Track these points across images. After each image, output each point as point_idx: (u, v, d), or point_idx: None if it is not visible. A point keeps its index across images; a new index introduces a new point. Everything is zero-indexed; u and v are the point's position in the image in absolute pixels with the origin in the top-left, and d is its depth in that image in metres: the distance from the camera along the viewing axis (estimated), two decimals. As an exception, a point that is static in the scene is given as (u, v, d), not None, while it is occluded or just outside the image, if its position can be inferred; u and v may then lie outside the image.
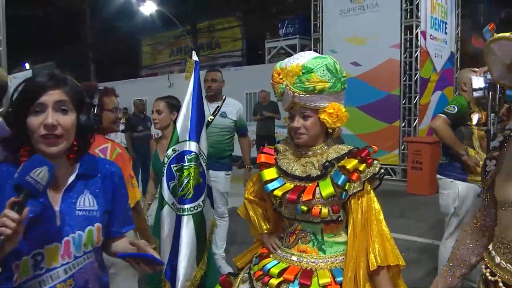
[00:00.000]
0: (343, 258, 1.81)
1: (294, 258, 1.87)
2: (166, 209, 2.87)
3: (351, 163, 1.75)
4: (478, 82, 3.21)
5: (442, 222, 3.85)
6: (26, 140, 1.37)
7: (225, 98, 4.41)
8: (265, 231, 2.03)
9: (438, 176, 3.67)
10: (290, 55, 8.44)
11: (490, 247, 1.49)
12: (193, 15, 21.16)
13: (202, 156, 2.94)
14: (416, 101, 9.90)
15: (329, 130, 1.87)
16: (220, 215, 4.41)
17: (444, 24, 10.70)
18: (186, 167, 2.85)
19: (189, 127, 2.91)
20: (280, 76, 1.82)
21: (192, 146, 2.89)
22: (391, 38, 9.94)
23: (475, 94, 3.27)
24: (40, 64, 26.68)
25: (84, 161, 1.49)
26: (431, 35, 10.19)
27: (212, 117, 4.26)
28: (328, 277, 1.77)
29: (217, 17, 21.70)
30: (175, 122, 3.12)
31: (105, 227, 1.50)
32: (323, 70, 1.76)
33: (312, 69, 1.75)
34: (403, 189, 8.89)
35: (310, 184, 1.80)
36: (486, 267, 1.47)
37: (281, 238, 1.98)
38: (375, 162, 1.80)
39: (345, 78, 1.86)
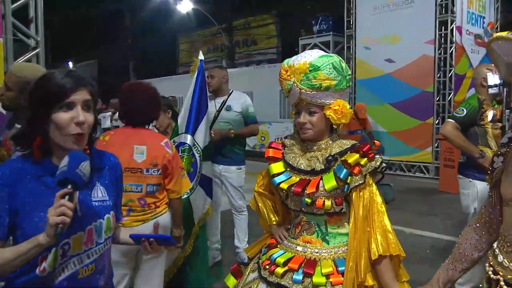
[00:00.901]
0: (346, 249, 1.86)
1: (299, 248, 1.95)
2: None
3: (352, 158, 1.82)
4: (493, 78, 3.18)
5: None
6: (42, 135, 1.43)
7: (231, 92, 4.47)
8: (274, 222, 2.11)
9: (458, 175, 3.65)
10: (324, 51, 8.49)
11: (495, 245, 1.49)
12: (228, 12, 21.39)
13: (196, 148, 3.21)
14: (451, 97, 9.74)
15: (334, 126, 1.94)
16: (237, 209, 4.47)
17: (482, 19, 10.45)
18: (180, 157, 3.05)
19: (186, 121, 3.20)
20: (288, 73, 1.88)
21: (187, 138, 3.18)
22: (425, 34, 9.81)
23: (491, 90, 3.25)
24: (82, 62, 27.64)
25: (93, 154, 1.57)
26: (467, 30, 9.98)
27: (217, 112, 4.34)
28: (331, 266, 1.84)
29: (252, 14, 21.84)
30: (175, 117, 3.38)
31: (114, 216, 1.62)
32: (330, 68, 1.82)
33: (319, 67, 1.81)
34: (435, 187, 8.79)
35: (315, 178, 1.88)
36: (490, 266, 1.48)
37: (288, 230, 2.06)
38: (376, 156, 1.87)
39: (350, 76, 1.93)
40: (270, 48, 21.59)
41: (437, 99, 9.91)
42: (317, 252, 1.91)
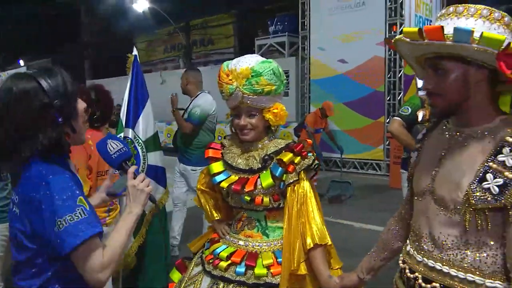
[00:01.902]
0: None
1: (241, 242, 2.05)
2: None
3: (287, 156, 1.93)
4: (420, 81, 3.38)
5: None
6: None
7: (198, 94, 4.64)
8: (216, 218, 2.20)
9: (401, 170, 3.86)
10: (279, 52, 8.69)
11: (410, 236, 1.56)
12: (186, 12, 21.26)
13: (137, 140, 3.31)
14: (401, 97, 10.11)
15: (271, 127, 2.03)
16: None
17: (428, 22, 10.90)
18: None
19: (125, 116, 3.32)
20: (230, 78, 1.94)
21: (128, 132, 3.29)
22: (376, 36, 10.15)
23: (420, 93, 3.45)
24: (35, 61, 26.77)
25: None
26: (415, 33, 10.37)
27: (184, 113, 4.63)
28: (271, 258, 1.96)
29: (210, 14, 21.79)
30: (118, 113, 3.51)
31: None
32: (270, 74, 1.91)
33: (261, 72, 1.89)
34: (387, 184, 9.12)
35: (252, 176, 1.98)
36: (401, 255, 1.58)
37: (229, 225, 2.16)
38: (309, 154, 1.97)
39: (285, 81, 2.04)
40: (228, 48, 21.62)
41: (388, 98, 10.27)
42: (258, 245, 2.01)
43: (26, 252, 1.41)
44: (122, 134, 3.31)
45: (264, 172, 1.97)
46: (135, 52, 3.43)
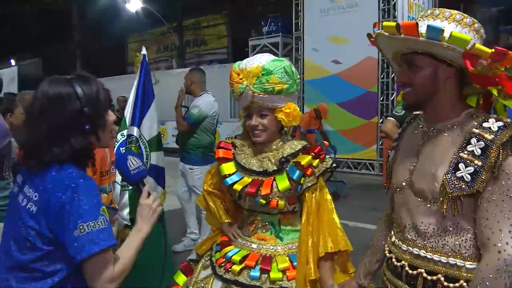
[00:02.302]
0: None
1: (254, 245, 1.99)
2: (117, 187, 3.25)
3: (305, 159, 1.88)
4: None
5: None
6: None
7: (201, 95, 4.68)
8: (225, 221, 2.11)
9: None
10: (273, 52, 8.73)
11: (393, 228, 1.66)
12: (179, 12, 21.26)
13: (142, 139, 3.33)
14: (393, 98, 10.19)
15: (285, 128, 1.98)
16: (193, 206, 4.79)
17: (421, 23, 11.00)
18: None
19: (131, 114, 3.34)
20: (240, 77, 1.89)
21: (133, 130, 3.30)
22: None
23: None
24: (26, 61, 26.58)
25: None
26: (408, 34, 10.48)
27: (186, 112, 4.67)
28: (287, 262, 1.91)
29: (203, 14, 21.81)
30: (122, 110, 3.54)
31: None
32: (282, 72, 1.85)
33: (272, 71, 1.84)
34: (380, 183, 9.19)
35: (267, 178, 1.92)
36: (387, 246, 1.66)
37: (240, 227, 2.09)
38: (327, 157, 1.94)
39: (298, 80, 1.97)
40: (221, 48, 21.66)
41: (381, 99, 10.36)
42: (272, 249, 1.97)
43: (34, 253, 1.38)
44: (125, 132, 3.32)
45: (280, 174, 1.92)
46: (144, 51, 3.42)
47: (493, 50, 1.26)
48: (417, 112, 1.64)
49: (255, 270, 1.90)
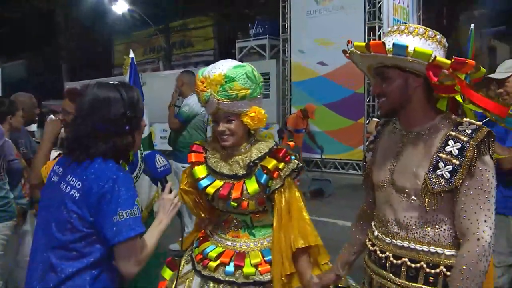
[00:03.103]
0: (270, 239, 2.05)
1: (228, 243, 2.10)
2: None
3: (271, 163, 1.96)
4: None
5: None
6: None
7: (191, 94, 4.80)
8: (202, 216, 2.24)
9: None
10: (260, 54, 8.78)
11: (373, 223, 1.82)
12: (165, 14, 21.23)
13: None
14: (380, 99, 10.33)
15: (251, 131, 2.06)
16: None
17: (405, 26, 11.17)
18: None
19: None
20: (204, 85, 1.95)
21: None
22: (355, 39, 10.01)
23: None
24: (10, 63, 26.26)
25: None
26: (393, 36, 10.64)
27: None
28: (259, 257, 2.02)
29: (189, 16, 21.81)
30: None
31: None
32: (244, 78, 1.90)
33: (234, 78, 1.89)
34: (367, 183, 9.30)
35: (238, 182, 2.01)
36: (369, 240, 1.80)
37: (216, 225, 2.21)
38: (292, 158, 2.02)
39: (262, 83, 2.03)
40: (207, 50, 21.67)
41: (368, 100, 10.49)
42: (245, 245, 2.08)
43: (74, 234, 1.56)
44: None
45: (249, 178, 2.00)
46: (131, 54, 3.47)
47: (452, 60, 1.42)
48: None
49: (230, 266, 2.02)
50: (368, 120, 10.34)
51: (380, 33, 10.26)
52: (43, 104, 13.15)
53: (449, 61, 1.44)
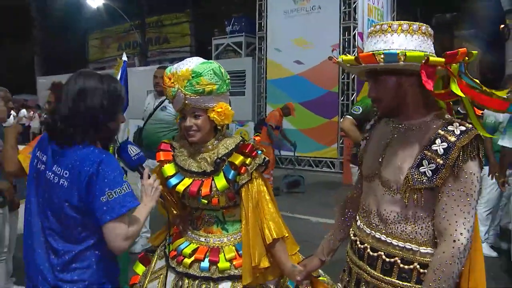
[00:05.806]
0: None
1: (202, 239, 2.11)
2: None
3: (238, 159, 1.99)
4: None
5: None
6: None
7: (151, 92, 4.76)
8: (174, 212, 2.24)
9: (351, 165, 4.09)
10: (236, 52, 8.76)
11: (358, 213, 1.81)
12: (141, 9, 21.03)
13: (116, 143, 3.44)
14: (354, 98, 10.50)
15: (218, 127, 2.06)
16: None
17: (380, 26, 11.36)
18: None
19: None
20: (172, 81, 1.96)
21: None
22: (331, 39, 10.50)
23: None
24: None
25: None
26: (367, 36, 10.83)
27: (153, 110, 4.65)
28: (233, 251, 2.04)
29: (166, 12, 21.66)
30: None
31: None
32: (211, 74, 1.92)
33: (201, 73, 1.91)
34: (340, 181, 9.46)
35: (206, 179, 2.03)
36: (352, 230, 1.82)
37: (189, 221, 2.21)
38: (259, 152, 2.03)
39: (229, 80, 2.04)
40: (184, 47, 21.58)
41: (342, 99, 10.65)
42: (219, 241, 2.10)
43: (68, 221, 1.64)
44: None
45: (218, 174, 2.03)
46: (124, 58, 3.45)
47: (444, 55, 1.43)
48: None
49: (205, 262, 2.03)
50: (342, 119, 10.48)
51: (355, 33, 10.41)
52: (14, 98, 12.88)
53: (442, 59, 1.44)
